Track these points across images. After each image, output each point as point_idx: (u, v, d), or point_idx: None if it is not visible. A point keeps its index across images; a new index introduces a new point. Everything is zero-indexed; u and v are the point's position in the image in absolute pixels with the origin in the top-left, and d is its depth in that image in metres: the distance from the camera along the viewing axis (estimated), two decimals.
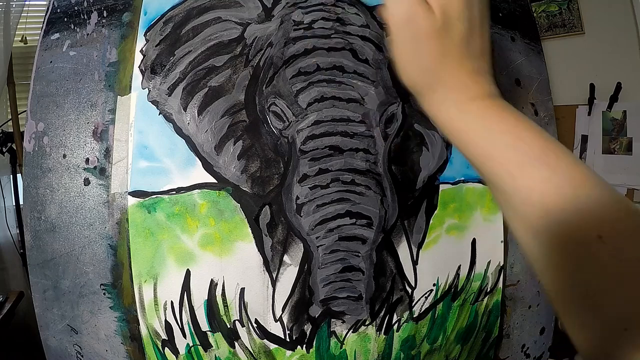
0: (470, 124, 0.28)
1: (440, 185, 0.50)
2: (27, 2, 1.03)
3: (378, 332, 0.48)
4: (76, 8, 0.47)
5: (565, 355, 0.83)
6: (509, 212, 0.28)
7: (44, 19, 0.48)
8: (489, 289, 0.54)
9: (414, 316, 0.49)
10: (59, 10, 0.48)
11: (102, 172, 0.43)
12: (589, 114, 0.90)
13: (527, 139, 0.27)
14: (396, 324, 0.48)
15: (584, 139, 0.91)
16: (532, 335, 0.60)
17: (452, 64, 0.29)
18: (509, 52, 0.61)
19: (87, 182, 0.43)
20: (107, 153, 0.43)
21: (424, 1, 0.29)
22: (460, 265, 0.52)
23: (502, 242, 0.54)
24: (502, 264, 0.54)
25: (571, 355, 0.83)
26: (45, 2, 1.09)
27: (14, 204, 1.12)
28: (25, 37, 1.10)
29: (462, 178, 0.52)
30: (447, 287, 0.51)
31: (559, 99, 0.95)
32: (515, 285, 0.57)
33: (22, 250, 1.12)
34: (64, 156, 0.44)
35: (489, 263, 0.53)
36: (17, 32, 1.03)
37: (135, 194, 0.42)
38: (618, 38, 0.85)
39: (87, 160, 0.44)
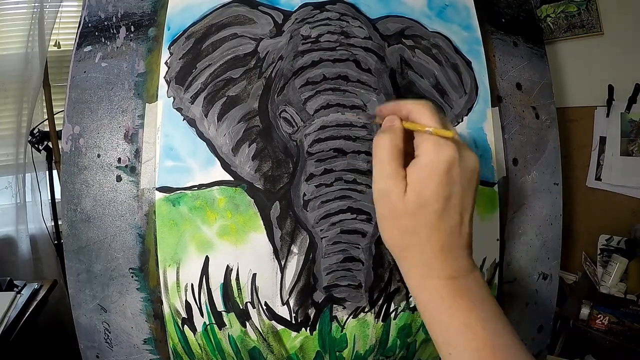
0: (426, 300, 0.37)
1: None
2: (59, 10, 1.21)
3: (376, 319, 0.61)
4: (106, 23, 0.62)
5: (576, 354, 0.95)
6: None
7: (77, 32, 0.63)
8: None
9: (411, 306, 0.62)
10: (90, 25, 0.62)
11: (132, 170, 0.57)
12: (608, 115, 1.01)
13: (471, 328, 0.34)
14: (393, 313, 0.61)
15: (602, 140, 1.03)
16: (530, 333, 0.72)
17: (419, 241, 0.36)
18: (511, 56, 0.73)
19: (119, 178, 0.58)
20: (137, 153, 0.57)
21: (401, 181, 0.36)
22: None
23: (497, 240, 0.66)
24: (497, 260, 0.67)
25: (582, 355, 0.95)
26: (76, 9, 1.27)
27: (50, 198, 1.31)
28: (59, 42, 1.28)
29: None
30: None
31: (577, 100, 1.07)
32: (512, 282, 0.69)
33: (56, 242, 1.31)
34: (98, 156, 0.58)
35: (484, 259, 0.66)
36: (51, 38, 1.22)
37: (162, 189, 0.56)
38: (637, 39, 0.96)
39: (119, 159, 0.58)
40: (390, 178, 0.36)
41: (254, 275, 0.56)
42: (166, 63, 0.58)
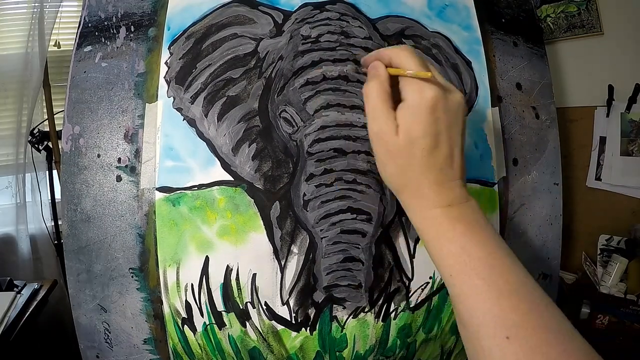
0: (426, 229, 0.39)
1: None
2: (59, 10, 1.22)
3: (376, 319, 0.61)
4: (106, 23, 0.62)
5: None
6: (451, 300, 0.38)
7: (77, 32, 0.63)
8: None
9: (411, 306, 0.62)
10: (90, 25, 0.62)
11: (132, 170, 0.57)
12: (608, 115, 1.01)
13: (468, 250, 0.36)
14: (393, 312, 0.61)
15: (602, 140, 1.03)
16: None
17: (414, 176, 0.39)
18: (511, 56, 0.73)
19: (119, 178, 0.58)
20: (137, 153, 0.57)
21: (392, 121, 0.39)
22: None
23: None
24: None
25: None
26: (76, 9, 1.28)
27: (50, 198, 1.31)
28: (59, 42, 1.29)
29: None
30: (442, 280, 0.63)
31: (577, 100, 1.07)
32: None
33: (56, 242, 1.32)
34: (98, 156, 0.59)
35: None
36: (51, 38, 1.23)
37: (162, 189, 0.56)
38: (637, 39, 0.96)
39: (119, 159, 0.58)
40: (382, 119, 0.39)
41: (254, 275, 0.56)
42: (166, 63, 0.58)
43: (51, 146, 1.29)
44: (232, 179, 0.56)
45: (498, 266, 0.36)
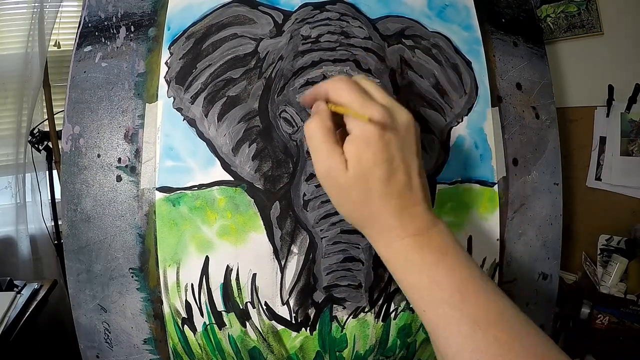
0: (393, 262, 0.38)
1: (437, 185, 0.63)
2: (60, 10, 1.22)
3: (376, 319, 0.61)
4: (106, 23, 0.62)
5: (576, 354, 0.95)
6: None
7: (77, 32, 0.63)
8: None
9: (411, 306, 0.62)
10: (90, 25, 0.62)
11: (132, 170, 0.57)
12: (608, 115, 1.01)
13: (440, 281, 0.34)
14: (393, 313, 0.61)
15: (602, 140, 1.03)
16: None
17: (374, 209, 0.36)
18: (511, 56, 0.73)
19: (119, 178, 0.58)
20: (137, 153, 0.57)
21: (339, 156, 0.36)
22: None
23: (497, 240, 0.66)
24: (497, 260, 0.67)
25: (582, 355, 0.95)
26: (76, 9, 1.28)
27: (50, 198, 1.32)
28: (59, 42, 1.29)
29: (459, 179, 0.64)
30: None
31: (577, 100, 1.07)
32: (511, 282, 0.69)
33: (56, 242, 1.32)
34: (98, 156, 0.58)
35: (484, 259, 0.66)
36: (51, 38, 1.23)
37: (162, 189, 0.56)
38: (637, 39, 0.96)
39: (119, 159, 0.58)
40: (328, 157, 0.37)
41: (254, 275, 0.56)
42: (166, 63, 0.58)
43: (51, 146, 1.29)
44: (232, 179, 0.56)
45: (472, 296, 0.34)
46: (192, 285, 0.56)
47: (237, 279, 0.56)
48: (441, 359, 0.36)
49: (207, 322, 0.57)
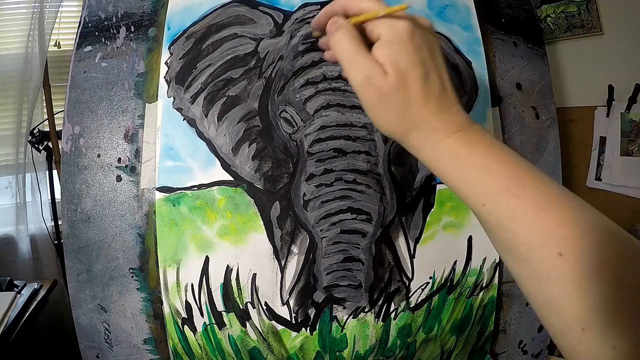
0: (443, 164, 0.36)
1: (437, 185, 0.63)
2: (60, 10, 1.21)
3: (376, 319, 0.60)
4: (106, 23, 0.62)
5: None
6: (487, 233, 0.35)
7: (77, 32, 0.63)
8: (484, 285, 0.66)
9: (411, 306, 0.62)
10: (90, 25, 0.62)
11: (132, 170, 0.57)
12: (608, 115, 1.00)
13: (494, 170, 0.33)
14: (393, 313, 0.61)
15: (602, 140, 1.02)
16: (529, 332, 0.72)
17: (417, 111, 0.36)
18: (511, 56, 0.73)
19: (119, 178, 0.58)
20: (137, 153, 0.57)
21: (375, 62, 0.35)
22: (456, 261, 0.64)
23: None
24: (497, 260, 0.66)
25: None
26: (76, 9, 1.27)
27: (50, 198, 1.31)
28: (59, 42, 1.29)
29: None
30: (443, 280, 0.63)
31: (577, 100, 1.06)
32: (512, 282, 0.69)
33: (56, 242, 1.32)
34: (99, 156, 0.58)
35: (484, 259, 0.66)
36: (51, 38, 1.23)
37: (162, 189, 0.56)
38: (637, 39, 0.95)
39: (119, 159, 0.58)
40: (365, 66, 0.36)
41: (254, 275, 0.56)
42: (166, 63, 0.58)
43: (51, 146, 1.29)
44: (232, 179, 0.56)
45: (529, 180, 0.33)
46: (192, 285, 0.56)
47: (237, 279, 0.56)
48: (507, 253, 0.34)
49: (207, 322, 0.57)
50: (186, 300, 0.56)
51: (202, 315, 0.57)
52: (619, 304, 0.28)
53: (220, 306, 0.57)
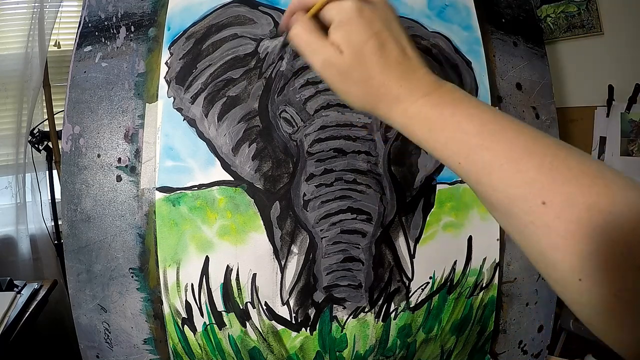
0: (415, 129, 0.37)
1: (437, 185, 0.63)
2: (60, 10, 1.22)
3: (376, 319, 0.61)
4: (106, 23, 0.62)
5: (576, 354, 0.95)
6: (474, 192, 0.35)
7: (77, 32, 0.63)
8: (484, 285, 0.66)
9: (411, 306, 0.62)
10: (90, 25, 0.62)
11: (132, 170, 0.57)
12: (608, 115, 1.01)
13: (464, 127, 0.33)
14: (393, 313, 0.61)
15: (602, 140, 1.03)
16: (529, 332, 0.72)
17: (379, 82, 0.37)
18: (511, 56, 0.73)
19: (119, 178, 0.58)
20: (137, 153, 0.57)
21: (330, 45, 0.37)
22: (456, 261, 0.64)
23: (497, 240, 0.66)
24: (497, 260, 0.67)
25: (582, 355, 0.95)
26: (76, 9, 1.28)
27: (50, 198, 1.32)
28: (59, 42, 1.29)
29: (460, 179, 0.64)
30: (442, 280, 0.63)
31: (577, 100, 1.07)
32: (512, 282, 0.69)
33: (55, 242, 1.32)
34: (99, 156, 0.58)
35: (484, 259, 0.66)
36: (51, 38, 1.23)
37: (162, 189, 0.56)
38: (637, 39, 0.95)
39: (119, 159, 0.58)
40: (321, 47, 0.37)
41: (254, 275, 0.56)
42: (166, 63, 0.58)
43: (51, 146, 1.29)
44: (232, 179, 0.56)
45: (501, 132, 0.33)
46: (192, 285, 0.56)
47: (237, 279, 0.56)
48: (493, 209, 0.34)
49: (207, 322, 0.57)
50: (186, 300, 0.56)
51: (202, 315, 0.57)
52: (613, 250, 0.27)
53: (220, 306, 0.57)
